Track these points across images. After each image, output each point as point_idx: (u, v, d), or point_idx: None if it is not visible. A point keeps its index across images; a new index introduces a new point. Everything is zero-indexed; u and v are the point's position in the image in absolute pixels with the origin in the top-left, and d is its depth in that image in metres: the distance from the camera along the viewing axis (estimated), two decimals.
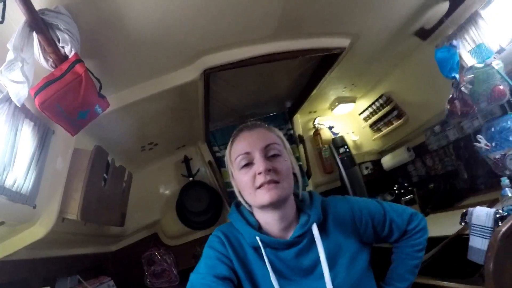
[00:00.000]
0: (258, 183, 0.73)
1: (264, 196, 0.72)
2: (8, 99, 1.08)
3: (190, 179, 2.56)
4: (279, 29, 1.43)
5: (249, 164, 0.75)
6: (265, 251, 0.74)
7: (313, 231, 0.75)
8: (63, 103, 0.99)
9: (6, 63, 0.84)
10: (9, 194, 1.12)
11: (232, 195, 2.29)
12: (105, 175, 1.72)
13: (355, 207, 0.82)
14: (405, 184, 2.74)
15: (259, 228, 0.79)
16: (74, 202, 1.41)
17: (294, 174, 0.80)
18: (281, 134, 0.84)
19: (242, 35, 1.42)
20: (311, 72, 2.08)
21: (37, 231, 1.37)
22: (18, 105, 0.95)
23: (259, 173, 0.72)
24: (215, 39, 1.38)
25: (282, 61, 1.61)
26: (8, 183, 1.12)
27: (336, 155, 2.80)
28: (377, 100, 2.70)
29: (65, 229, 1.52)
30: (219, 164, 2.50)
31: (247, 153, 0.75)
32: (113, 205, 1.84)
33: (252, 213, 0.81)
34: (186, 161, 2.59)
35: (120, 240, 2.49)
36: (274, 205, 0.74)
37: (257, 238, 0.75)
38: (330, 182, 2.96)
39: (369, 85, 2.62)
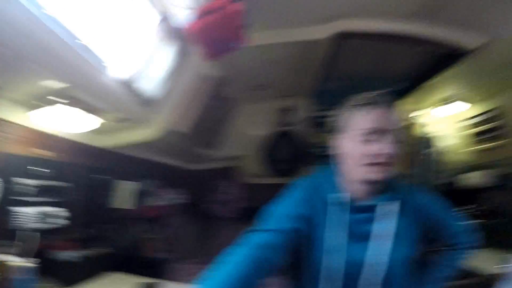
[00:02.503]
0: (373, 161, 0.75)
1: (373, 174, 0.75)
2: (166, 20, 1.24)
3: (284, 128, 2.74)
4: (421, 8, 1.34)
5: (371, 140, 0.77)
6: (341, 210, 0.79)
7: (393, 206, 0.79)
8: (215, 32, 1.11)
9: None
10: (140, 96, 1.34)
11: (318, 157, 2.47)
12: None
13: (432, 205, 0.86)
14: (481, 208, 2.52)
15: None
16: (187, 118, 1.63)
17: None
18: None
19: (383, 5, 1.35)
20: (430, 63, 1.94)
21: (147, 134, 1.63)
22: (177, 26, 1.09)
23: (380, 154, 0.74)
24: (355, 3, 1.35)
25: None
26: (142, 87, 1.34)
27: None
28: (487, 112, 2.41)
29: (168, 138, 1.77)
30: (316, 123, 2.61)
31: (379, 130, 0.76)
32: (213, 129, 2.11)
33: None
34: (285, 110, 2.73)
35: (202, 161, 2.77)
36: (375, 184, 0.78)
37: (341, 196, 0.80)
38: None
39: (485, 93, 2.33)
